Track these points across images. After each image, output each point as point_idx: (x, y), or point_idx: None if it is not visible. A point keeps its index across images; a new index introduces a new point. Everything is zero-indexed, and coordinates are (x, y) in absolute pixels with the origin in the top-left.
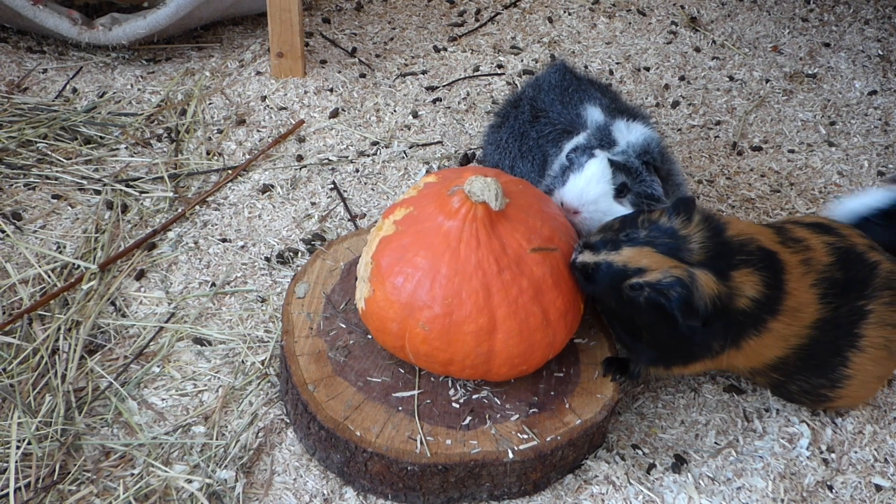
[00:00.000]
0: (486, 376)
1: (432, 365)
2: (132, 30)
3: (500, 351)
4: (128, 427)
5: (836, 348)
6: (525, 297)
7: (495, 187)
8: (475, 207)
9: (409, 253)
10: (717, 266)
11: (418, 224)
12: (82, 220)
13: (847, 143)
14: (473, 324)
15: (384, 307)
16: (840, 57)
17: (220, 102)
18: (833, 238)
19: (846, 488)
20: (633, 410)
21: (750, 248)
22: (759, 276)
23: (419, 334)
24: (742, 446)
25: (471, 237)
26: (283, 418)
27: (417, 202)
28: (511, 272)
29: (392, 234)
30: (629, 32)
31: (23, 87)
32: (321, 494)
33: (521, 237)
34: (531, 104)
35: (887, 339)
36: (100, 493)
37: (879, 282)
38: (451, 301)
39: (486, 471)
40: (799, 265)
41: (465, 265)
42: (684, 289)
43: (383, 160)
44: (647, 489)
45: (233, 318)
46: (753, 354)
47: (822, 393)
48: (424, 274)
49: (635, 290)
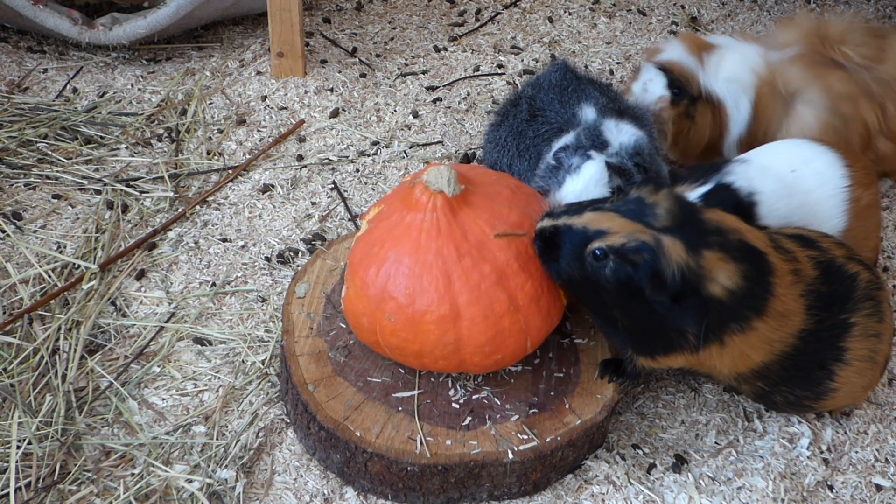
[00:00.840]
0: (461, 367)
1: (406, 357)
2: (132, 30)
3: (467, 339)
4: (128, 427)
5: (820, 361)
6: (487, 283)
7: (448, 174)
8: (434, 197)
9: (376, 247)
10: (684, 236)
11: (386, 219)
12: (83, 220)
13: None
14: (436, 312)
15: (355, 302)
16: None
17: (220, 102)
18: (815, 252)
19: (846, 488)
20: (633, 410)
21: (728, 236)
22: (736, 267)
23: (387, 326)
24: (742, 446)
25: (431, 226)
26: (284, 418)
27: (388, 200)
28: (472, 258)
29: (364, 233)
30: (629, 32)
31: (23, 86)
32: (321, 494)
33: (484, 223)
34: (529, 103)
35: (871, 349)
36: (100, 492)
37: (860, 293)
38: (413, 290)
39: (486, 471)
40: (789, 274)
41: (425, 254)
42: (651, 254)
43: (384, 160)
44: (648, 489)
45: (233, 318)
46: (739, 355)
47: (807, 404)
48: (389, 265)
49: (599, 259)
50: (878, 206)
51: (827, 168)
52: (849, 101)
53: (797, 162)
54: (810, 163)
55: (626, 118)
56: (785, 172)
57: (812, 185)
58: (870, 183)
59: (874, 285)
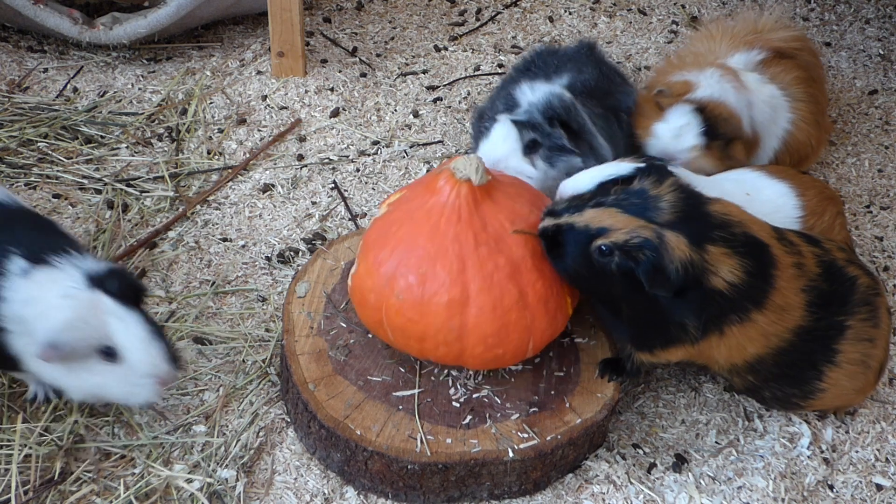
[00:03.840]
0: (460, 359)
1: (407, 340)
2: (133, 29)
3: (472, 327)
4: (128, 427)
5: (812, 361)
6: (501, 274)
7: (477, 163)
8: (459, 185)
9: (394, 227)
10: (689, 230)
11: (407, 204)
12: (83, 220)
13: (847, 142)
14: (446, 294)
15: (364, 278)
16: (841, 56)
17: (220, 102)
18: (819, 250)
19: (847, 487)
20: (633, 410)
21: (734, 230)
22: (739, 261)
23: (394, 305)
24: (743, 445)
25: (452, 213)
26: (284, 417)
27: (412, 187)
28: (488, 248)
29: (383, 215)
30: (630, 32)
31: (23, 86)
32: (322, 493)
33: (504, 219)
34: (503, 86)
35: (863, 354)
36: (100, 492)
37: (858, 297)
38: (426, 271)
39: (487, 470)
40: (792, 267)
41: (442, 238)
42: (653, 251)
43: (384, 159)
44: (648, 488)
45: (233, 318)
46: (736, 346)
47: (794, 402)
48: (405, 246)
49: (605, 255)
50: (834, 230)
51: (779, 197)
52: (809, 84)
53: (751, 188)
54: (763, 190)
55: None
56: (739, 194)
57: (766, 210)
58: (823, 210)
59: (872, 291)
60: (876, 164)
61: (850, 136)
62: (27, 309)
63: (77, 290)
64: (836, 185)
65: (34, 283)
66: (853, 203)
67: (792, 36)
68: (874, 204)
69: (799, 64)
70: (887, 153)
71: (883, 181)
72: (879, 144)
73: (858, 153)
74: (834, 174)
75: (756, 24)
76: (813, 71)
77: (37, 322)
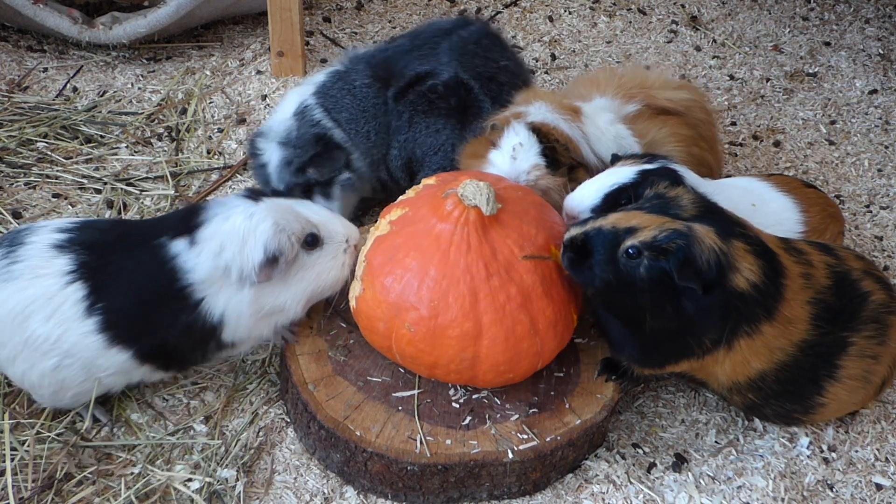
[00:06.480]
0: (472, 381)
1: (418, 367)
2: (133, 29)
3: (484, 357)
4: (128, 427)
5: (813, 376)
6: (513, 305)
7: (487, 192)
8: (467, 211)
9: (400, 253)
10: (714, 223)
11: (412, 225)
12: None
13: (847, 142)
14: (458, 328)
15: (373, 306)
16: (841, 56)
17: (220, 101)
18: (833, 259)
19: (846, 487)
20: (633, 409)
21: (749, 230)
22: (758, 261)
23: (405, 335)
24: (742, 445)
25: (461, 241)
26: (284, 417)
27: (413, 203)
28: (500, 278)
29: (386, 234)
30: (630, 31)
31: (23, 86)
32: (321, 493)
33: (512, 244)
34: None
35: (866, 370)
36: (100, 492)
37: (867, 314)
38: (438, 304)
39: (486, 471)
40: (800, 277)
41: (453, 269)
42: (683, 240)
43: None
44: (648, 488)
45: None
46: (741, 362)
47: (796, 417)
48: (413, 275)
49: (633, 257)
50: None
51: (784, 211)
52: (693, 143)
53: (758, 199)
54: (770, 203)
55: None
56: (745, 203)
57: (769, 223)
58: (824, 229)
59: (885, 308)
60: (875, 164)
61: (849, 135)
62: (222, 258)
63: (251, 206)
64: (836, 184)
65: (214, 230)
66: (853, 203)
67: (680, 97)
68: (874, 204)
69: (687, 122)
70: (887, 153)
71: (882, 181)
72: (879, 144)
73: (858, 153)
74: (834, 174)
75: (645, 80)
76: (703, 129)
77: (241, 253)
